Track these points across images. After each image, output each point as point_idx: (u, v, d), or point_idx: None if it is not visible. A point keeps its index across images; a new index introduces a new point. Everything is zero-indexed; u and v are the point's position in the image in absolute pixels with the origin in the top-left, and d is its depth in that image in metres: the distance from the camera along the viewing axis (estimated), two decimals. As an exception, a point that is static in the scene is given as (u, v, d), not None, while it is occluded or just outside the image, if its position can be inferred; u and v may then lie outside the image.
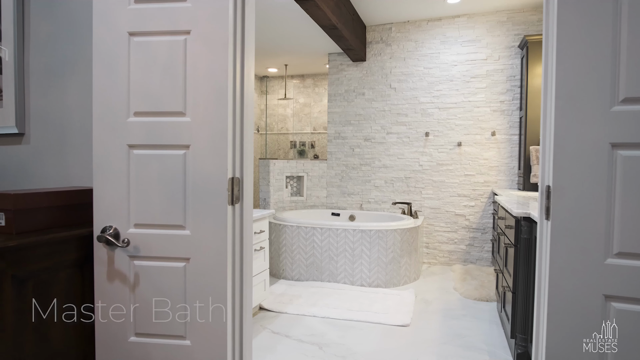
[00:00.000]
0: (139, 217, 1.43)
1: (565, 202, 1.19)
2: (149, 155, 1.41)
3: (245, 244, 1.49)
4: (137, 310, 1.45)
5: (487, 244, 4.78)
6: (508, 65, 4.66)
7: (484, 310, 3.43)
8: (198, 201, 1.40)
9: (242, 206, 1.48)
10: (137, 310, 1.45)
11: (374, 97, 5.16)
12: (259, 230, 3.20)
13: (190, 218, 1.41)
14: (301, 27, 4.50)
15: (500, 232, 3.25)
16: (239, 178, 1.46)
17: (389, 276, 4.04)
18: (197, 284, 1.41)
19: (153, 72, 1.41)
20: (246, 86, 1.47)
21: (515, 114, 4.66)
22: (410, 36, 4.98)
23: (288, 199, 5.21)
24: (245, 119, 1.47)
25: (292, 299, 3.64)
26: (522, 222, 2.42)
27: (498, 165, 4.73)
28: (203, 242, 1.40)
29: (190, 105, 1.40)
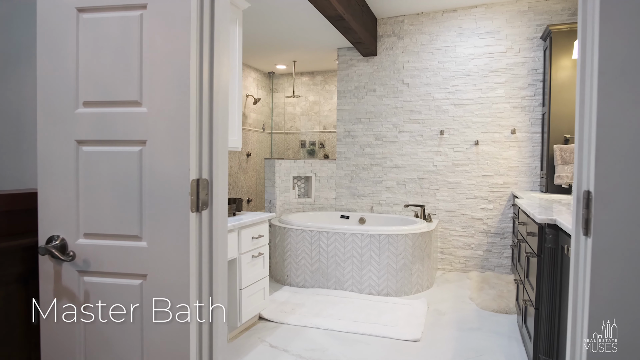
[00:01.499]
0: (89, 226, 1.21)
1: (612, 213, 0.91)
2: (99, 153, 1.20)
3: (216, 259, 1.26)
4: (88, 335, 1.23)
5: (506, 249, 4.46)
6: (529, 58, 4.34)
7: (502, 323, 3.14)
8: (156, 207, 1.17)
9: (212, 213, 1.25)
10: (88, 334, 1.23)
11: (385, 93, 4.89)
12: (257, 235, 2.98)
13: (147, 227, 1.18)
14: (308, 19, 4.26)
15: (521, 239, 2.96)
16: (208, 180, 1.24)
17: (400, 284, 3.77)
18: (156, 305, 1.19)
19: (105, 54, 1.19)
20: (217, 71, 1.24)
21: (537, 110, 4.33)
22: (424, 29, 4.70)
23: (295, 201, 4.99)
24: (215, 111, 1.24)
25: (294, 308, 3.41)
26: (546, 229, 2.13)
27: (518, 166, 4.41)
28: (162, 256, 1.18)
29: (147, 93, 1.18)
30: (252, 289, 2.92)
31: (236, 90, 3.16)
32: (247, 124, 6.15)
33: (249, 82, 6.19)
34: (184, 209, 1.16)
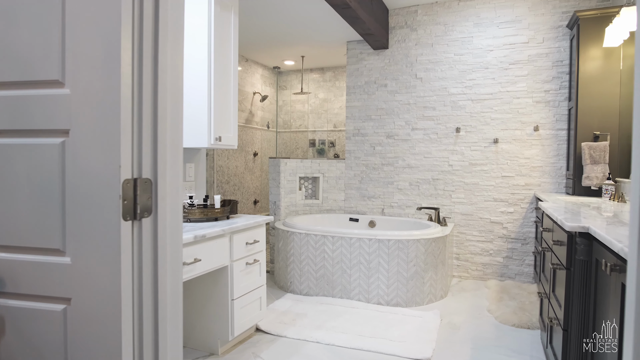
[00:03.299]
0: (2, 237, 0.98)
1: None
2: (12, 146, 0.96)
3: (162, 281, 1.01)
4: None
5: (528, 256, 4.11)
6: (554, 48, 3.99)
7: (524, 340, 2.82)
8: (82, 214, 0.93)
9: (156, 222, 1.00)
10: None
11: (397, 88, 4.60)
12: (252, 240, 2.73)
13: (71, 239, 0.94)
14: (314, 10, 4.01)
15: (545, 248, 2.64)
16: (151, 180, 0.99)
17: (411, 294, 3.48)
18: (83, 338, 0.95)
19: (19, 22, 0.96)
20: (162, 44, 0.99)
21: (562, 105, 3.98)
22: (438, 19, 4.39)
23: (301, 203, 4.73)
24: (162, 96, 0.99)
25: (295, 319, 3.15)
26: (577, 238, 1.83)
27: (542, 166, 4.06)
28: (89, 275, 0.94)
29: (70, 71, 0.94)
30: (246, 299, 2.68)
31: (231, 83, 2.93)
32: (253, 122, 5.93)
33: (255, 79, 5.97)
34: (112, 216, 0.91)
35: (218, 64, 2.76)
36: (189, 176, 3.03)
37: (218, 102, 2.78)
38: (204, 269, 2.29)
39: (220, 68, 2.79)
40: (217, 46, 2.74)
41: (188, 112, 2.76)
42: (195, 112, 2.73)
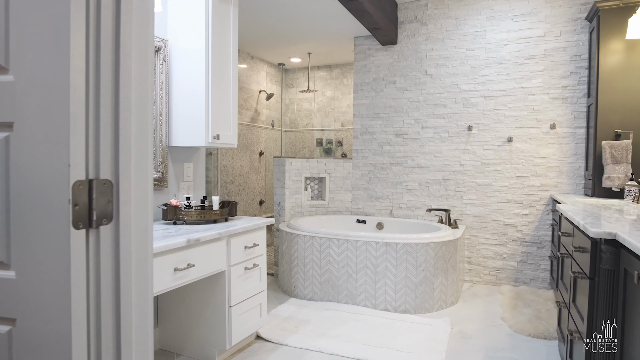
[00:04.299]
0: (-59, 247, 0.85)
1: None
2: (-50, 142, 0.83)
3: (127, 295, 0.87)
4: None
5: (544, 261, 3.92)
6: (572, 42, 3.79)
7: (540, 351, 2.64)
8: (28, 221, 0.80)
9: (118, 230, 0.86)
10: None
11: (406, 85, 4.43)
12: (251, 243, 2.60)
13: (16, 250, 0.81)
14: (320, 5, 3.86)
15: (564, 253, 2.45)
16: (111, 182, 0.85)
17: (420, 300, 3.31)
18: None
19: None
20: (125, 21, 0.85)
21: (581, 101, 3.78)
22: (449, 13, 4.21)
23: (307, 203, 4.59)
24: (124, 79, 0.86)
25: (298, 326, 3.01)
26: (602, 245, 1.65)
27: (559, 165, 3.86)
28: (36, 292, 0.80)
29: (14, 55, 0.80)
30: (244, 305, 2.54)
31: (230, 79, 2.79)
32: (259, 121, 5.80)
33: (261, 77, 5.84)
34: (61, 224, 0.77)
35: (216, 58, 2.63)
36: (187, 176, 2.91)
37: (216, 99, 2.65)
38: (198, 275, 2.16)
39: (218, 63, 2.66)
40: (215, 40, 2.61)
41: (184, 108, 2.64)
42: (192, 109, 2.61)
